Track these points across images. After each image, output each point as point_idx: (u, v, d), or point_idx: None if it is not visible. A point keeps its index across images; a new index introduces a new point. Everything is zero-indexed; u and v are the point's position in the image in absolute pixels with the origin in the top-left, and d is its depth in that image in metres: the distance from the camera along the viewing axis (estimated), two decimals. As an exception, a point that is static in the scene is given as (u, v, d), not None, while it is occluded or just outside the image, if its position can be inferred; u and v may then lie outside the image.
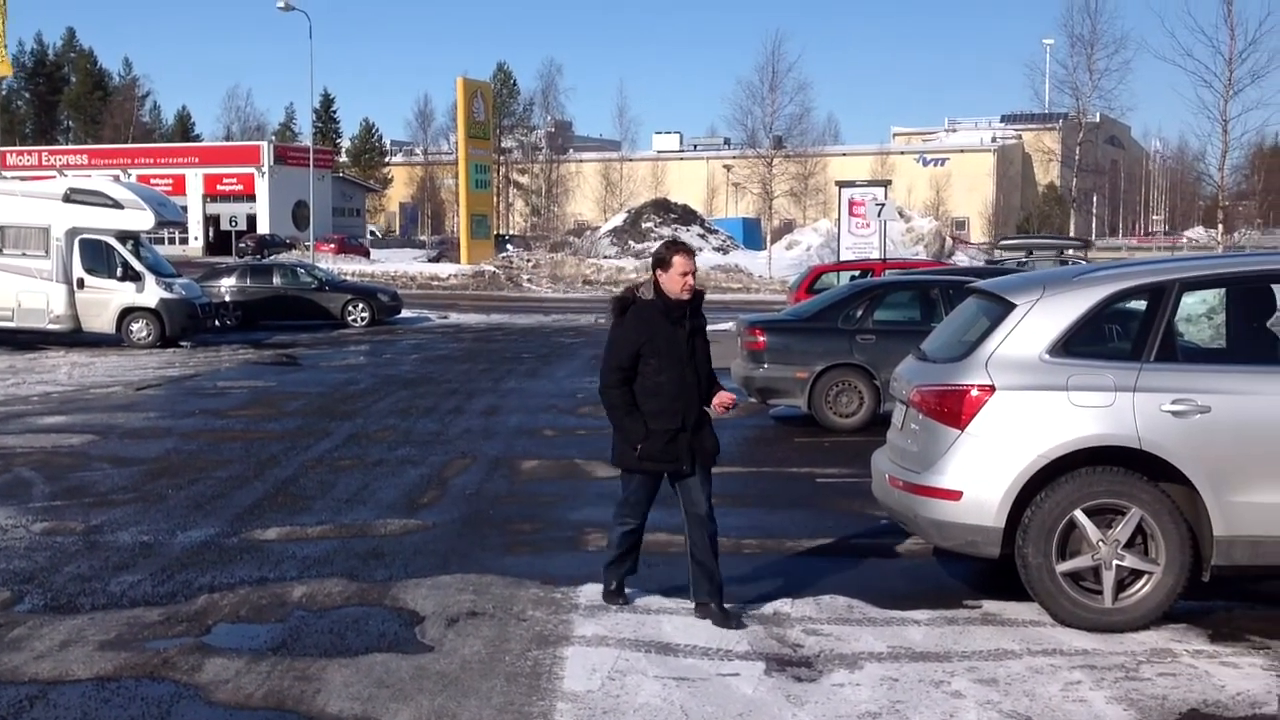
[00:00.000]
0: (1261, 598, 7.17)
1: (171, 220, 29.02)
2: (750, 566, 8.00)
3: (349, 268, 50.44)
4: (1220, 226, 42.04)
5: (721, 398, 6.55)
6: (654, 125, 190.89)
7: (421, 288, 49.48)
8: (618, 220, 64.23)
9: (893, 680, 5.73)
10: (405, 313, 33.99)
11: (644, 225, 60.41)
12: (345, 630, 6.55)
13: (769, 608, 6.87)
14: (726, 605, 6.62)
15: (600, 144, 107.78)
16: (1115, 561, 6.50)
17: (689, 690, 5.60)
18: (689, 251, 6.52)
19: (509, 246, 63.82)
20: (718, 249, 58.60)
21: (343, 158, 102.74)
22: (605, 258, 56.55)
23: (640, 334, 6.39)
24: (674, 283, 6.42)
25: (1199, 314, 12.59)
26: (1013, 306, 6.98)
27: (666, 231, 58.64)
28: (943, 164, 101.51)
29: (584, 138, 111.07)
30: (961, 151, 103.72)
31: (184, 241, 75.60)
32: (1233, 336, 7.87)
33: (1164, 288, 6.90)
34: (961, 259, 54.39)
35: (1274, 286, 7.49)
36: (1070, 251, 32.29)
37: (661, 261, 6.46)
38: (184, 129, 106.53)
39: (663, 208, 63.23)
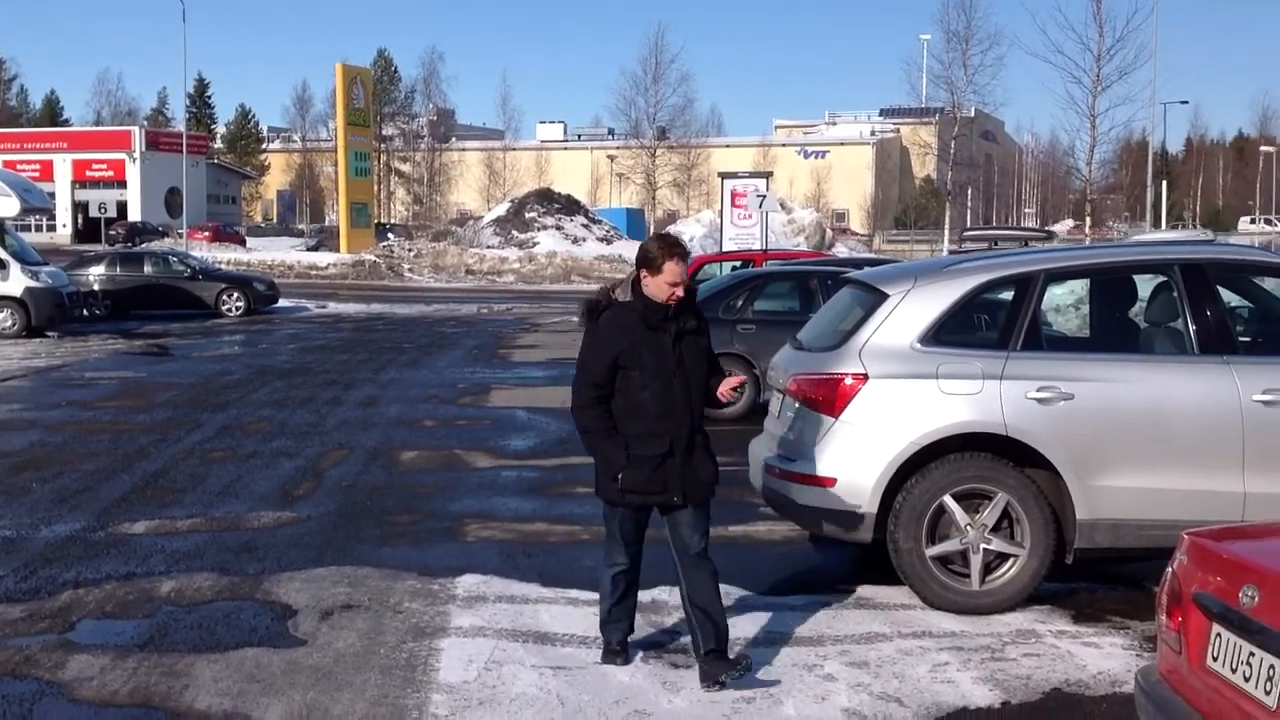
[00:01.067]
0: (1123, 579, 7.39)
1: (38, 207, 28.16)
2: (629, 555, 8.02)
3: (224, 256, 49.33)
4: (1088, 219, 43.26)
5: (727, 381, 5.61)
6: (538, 114, 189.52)
7: (299, 277, 48.63)
8: (501, 210, 63.78)
9: (767, 665, 5.80)
10: (283, 302, 33.40)
11: (528, 215, 60.07)
12: (215, 625, 6.42)
13: (646, 596, 6.86)
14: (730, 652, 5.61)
15: (483, 133, 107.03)
16: (982, 545, 6.65)
17: (566, 679, 5.60)
18: (685, 255, 5.47)
19: (390, 235, 62.99)
20: (601, 239, 58.55)
21: (218, 144, 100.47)
22: (488, 248, 56.11)
23: (616, 343, 5.39)
24: (660, 290, 5.40)
25: (1068, 304, 12.94)
26: (885, 297, 7.10)
27: (550, 221, 58.44)
28: (823, 156, 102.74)
29: (467, 126, 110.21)
30: (841, 144, 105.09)
31: (51, 229, 73.34)
32: (1096, 326, 8.13)
33: (1030, 278, 7.07)
34: (841, 250, 55.17)
35: (1135, 277, 7.74)
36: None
37: (649, 262, 5.40)
38: (52, 113, 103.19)
39: (547, 197, 62.94)
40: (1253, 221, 79.94)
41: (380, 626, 6.36)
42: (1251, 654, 3.40)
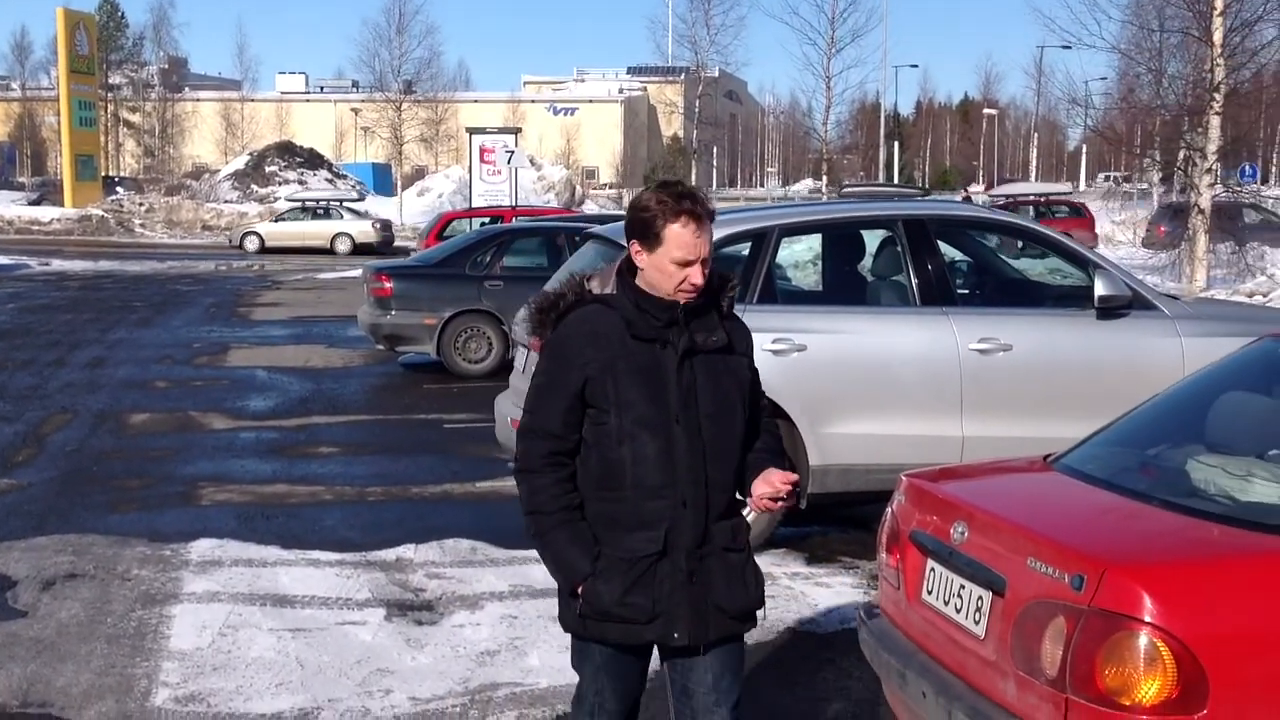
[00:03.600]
0: (853, 521, 7.71)
1: None
2: (374, 515, 7.92)
3: (-66, 211, 45.94)
4: (825, 178, 44.81)
5: (771, 482, 3.25)
6: (277, 65, 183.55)
7: (20, 233, 45.73)
8: (239, 163, 61.50)
9: (512, 618, 5.82)
10: (0, 259, 31.34)
11: (268, 169, 58.13)
12: (-77, 601, 6.01)
13: (391, 554, 6.81)
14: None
15: (219, 83, 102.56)
16: (722, 493, 6.83)
17: (305, 641, 5.48)
18: (701, 213, 3.19)
19: (119, 189, 59.84)
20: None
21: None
22: (226, 202, 54.06)
23: (581, 365, 3.21)
24: (663, 275, 3.20)
25: (806, 260, 13.38)
26: (626, 251, 7.16)
27: (292, 176, 56.67)
28: (572, 113, 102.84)
29: (201, 76, 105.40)
30: (590, 102, 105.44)
31: None
32: (828, 279, 8.44)
33: (765, 233, 7.27)
34: (592, 207, 55.51)
35: (864, 232, 8.06)
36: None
37: (643, 227, 3.20)
38: None
39: (288, 151, 61.01)
40: (1104, 181, 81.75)
41: (107, 595, 6.08)
42: (962, 586, 3.60)
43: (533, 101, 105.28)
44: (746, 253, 7.34)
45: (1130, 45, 25.32)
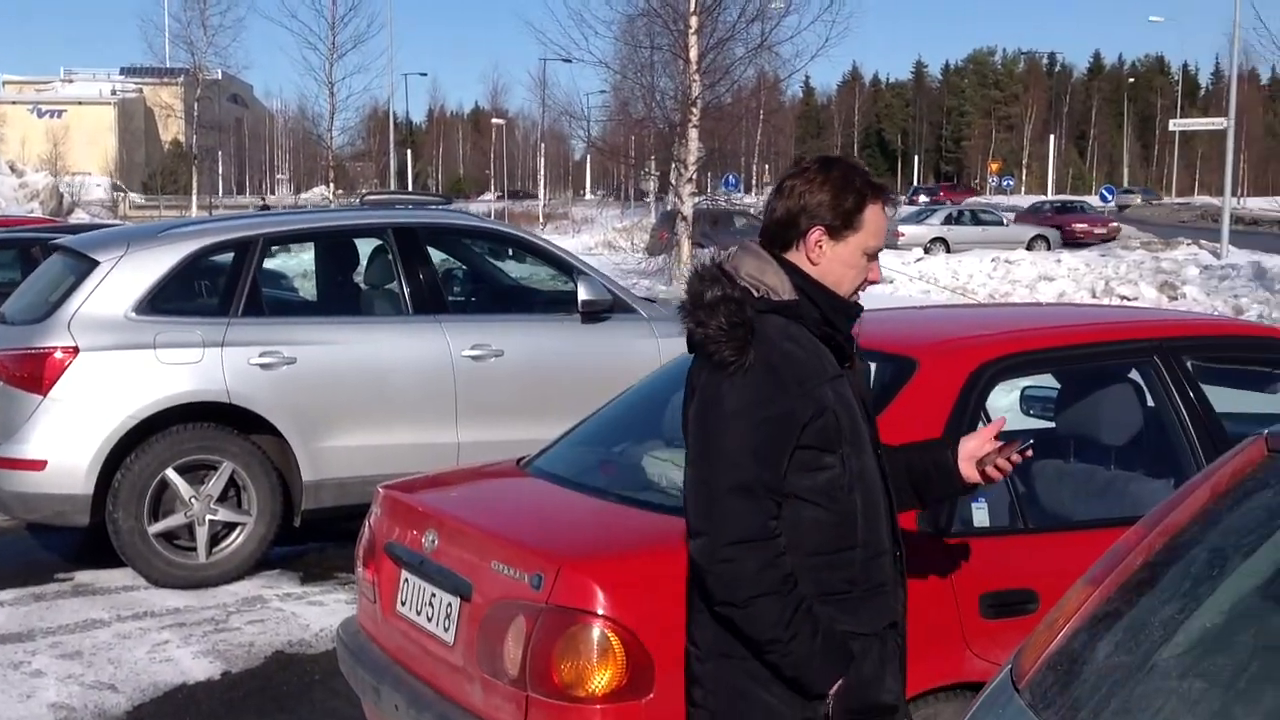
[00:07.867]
0: (352, 536, 7.53)
1: None
2: None
3: None
4: (332, 185, 44.15)
5: (981, 444, 2.83)
6: None
7: None
8: None
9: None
10: None
11: None
12: None
13: None
14: None
15: None
16: (208, 517, 6.53)
17: None
18: (889, 194, 2.73)
19: None
20: None
21: None
22: None
23: (805, 396, 2.54)
24: (852, 269, 2.66)
25: (299, 270, 13.07)
26: (96, 264, 6.71)
27: None
28: (60, 116, 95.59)
29: None
30: (80, 104, 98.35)
31: None
32: (321, 289, 8.30)
33: (249, 243, 7.02)
34: (83, 216, 51.76)
35: (356, 241, 7.97)
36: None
37: (833, 205, 2.62)
38: None
39: None
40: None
41: None
42: (433, 595, 3.60)
43: (14, 103, 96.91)
44: (230, 263, 7.06)
45: (624, 61, 26.64)
